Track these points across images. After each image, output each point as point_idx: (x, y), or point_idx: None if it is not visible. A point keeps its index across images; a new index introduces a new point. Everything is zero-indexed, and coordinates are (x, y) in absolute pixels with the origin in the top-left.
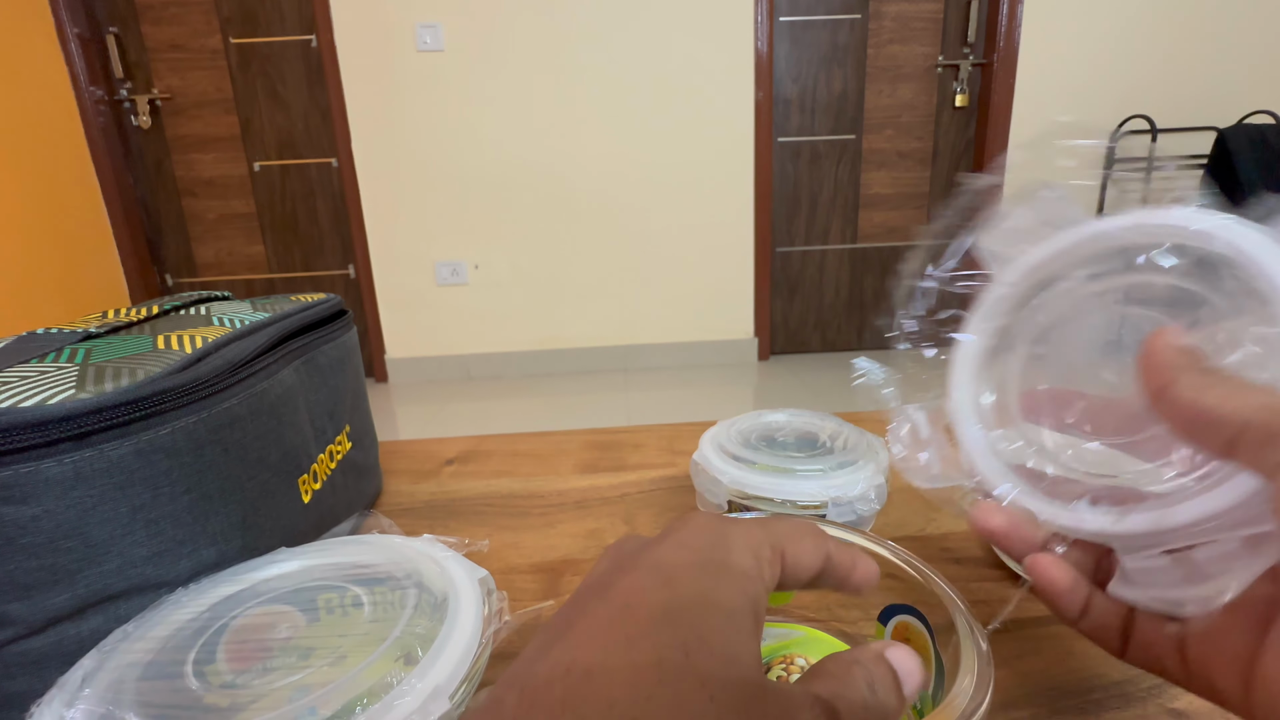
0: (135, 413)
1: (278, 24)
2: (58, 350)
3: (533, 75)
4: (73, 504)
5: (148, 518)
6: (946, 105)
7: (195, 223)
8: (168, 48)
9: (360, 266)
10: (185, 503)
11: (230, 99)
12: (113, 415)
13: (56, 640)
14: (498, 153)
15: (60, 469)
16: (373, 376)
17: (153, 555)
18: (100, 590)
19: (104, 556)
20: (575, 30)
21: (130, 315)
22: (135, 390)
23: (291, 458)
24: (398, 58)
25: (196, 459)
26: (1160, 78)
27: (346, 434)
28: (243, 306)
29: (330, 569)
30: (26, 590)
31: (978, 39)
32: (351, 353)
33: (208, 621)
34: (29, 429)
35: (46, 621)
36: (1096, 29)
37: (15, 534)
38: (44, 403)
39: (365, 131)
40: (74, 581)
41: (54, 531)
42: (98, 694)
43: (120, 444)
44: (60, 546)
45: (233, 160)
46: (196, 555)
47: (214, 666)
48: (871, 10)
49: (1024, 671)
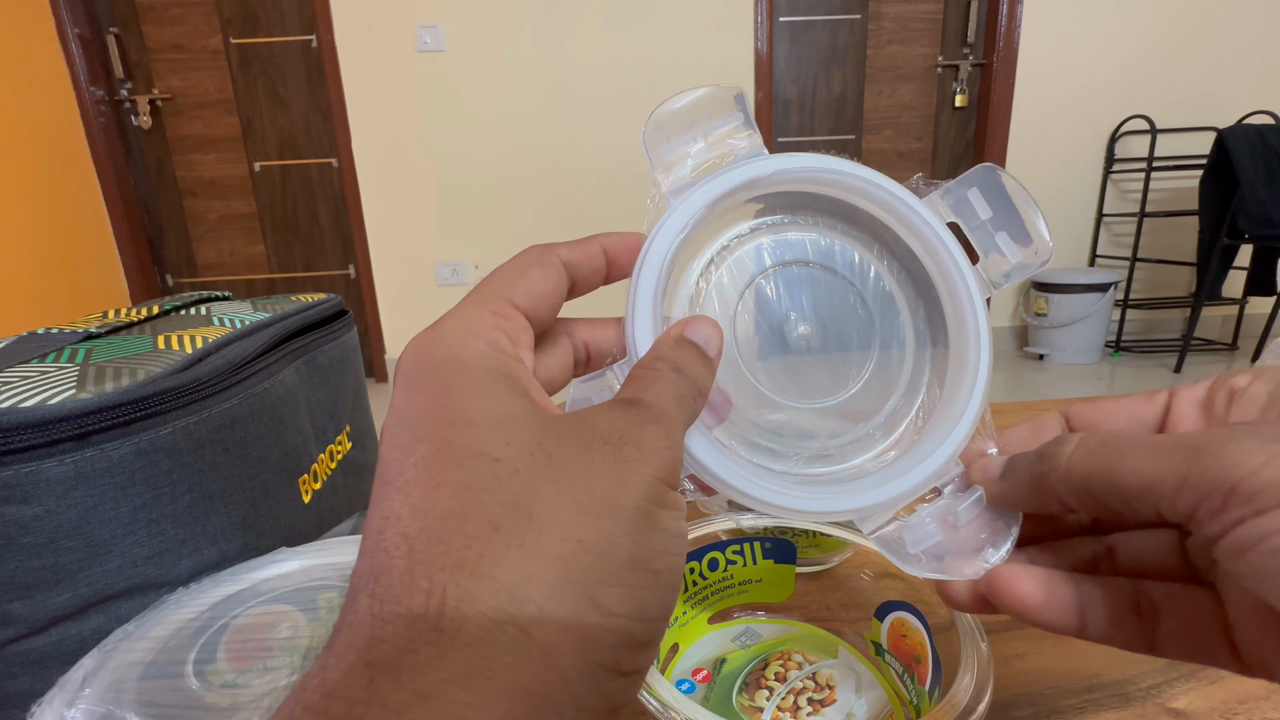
0: (136, 413)
1: (278, 24)
2: (58, 350)
3: (533, 75)
4: (74, 504)
5: (149, 517)
6: (946, 105)
7: (196, 223)
8: (168, 48)
9: (360, 266)
10: (186, 502)
11: (231, 99)
12: (113, 415)
13: (57, 640)
14: (498, 153)
15: (61, 469)
16: (373, 376)
17: (153, 555)
18: (101, 590)
19: (105, 556)
20: (575, 30)
21: (131, 315)
22: (136, 390)
23: (292, 458)
24: (398, 58)
25: (197, 459)
26: (1160, 78)
27: (347, 434)
28: (243, 307)
29: (330, 569)
30: (28, 590)
31: (978, 39)
32: (352, 353)
33: (208, 621)
34: (30, 429)
35: (48, 621)
36: (1096, 29)
37: (16, 534)
38: (45, 402)
39: (365, 131)
40: (75, 581)
41: (55, 531)
42: (98, 693)
43: (121, 444)
44: (61, 546)
45: (233, 160)
46: (197, 555)
47: (214, 666)
48: (871, 10)
49: (1024, 671)
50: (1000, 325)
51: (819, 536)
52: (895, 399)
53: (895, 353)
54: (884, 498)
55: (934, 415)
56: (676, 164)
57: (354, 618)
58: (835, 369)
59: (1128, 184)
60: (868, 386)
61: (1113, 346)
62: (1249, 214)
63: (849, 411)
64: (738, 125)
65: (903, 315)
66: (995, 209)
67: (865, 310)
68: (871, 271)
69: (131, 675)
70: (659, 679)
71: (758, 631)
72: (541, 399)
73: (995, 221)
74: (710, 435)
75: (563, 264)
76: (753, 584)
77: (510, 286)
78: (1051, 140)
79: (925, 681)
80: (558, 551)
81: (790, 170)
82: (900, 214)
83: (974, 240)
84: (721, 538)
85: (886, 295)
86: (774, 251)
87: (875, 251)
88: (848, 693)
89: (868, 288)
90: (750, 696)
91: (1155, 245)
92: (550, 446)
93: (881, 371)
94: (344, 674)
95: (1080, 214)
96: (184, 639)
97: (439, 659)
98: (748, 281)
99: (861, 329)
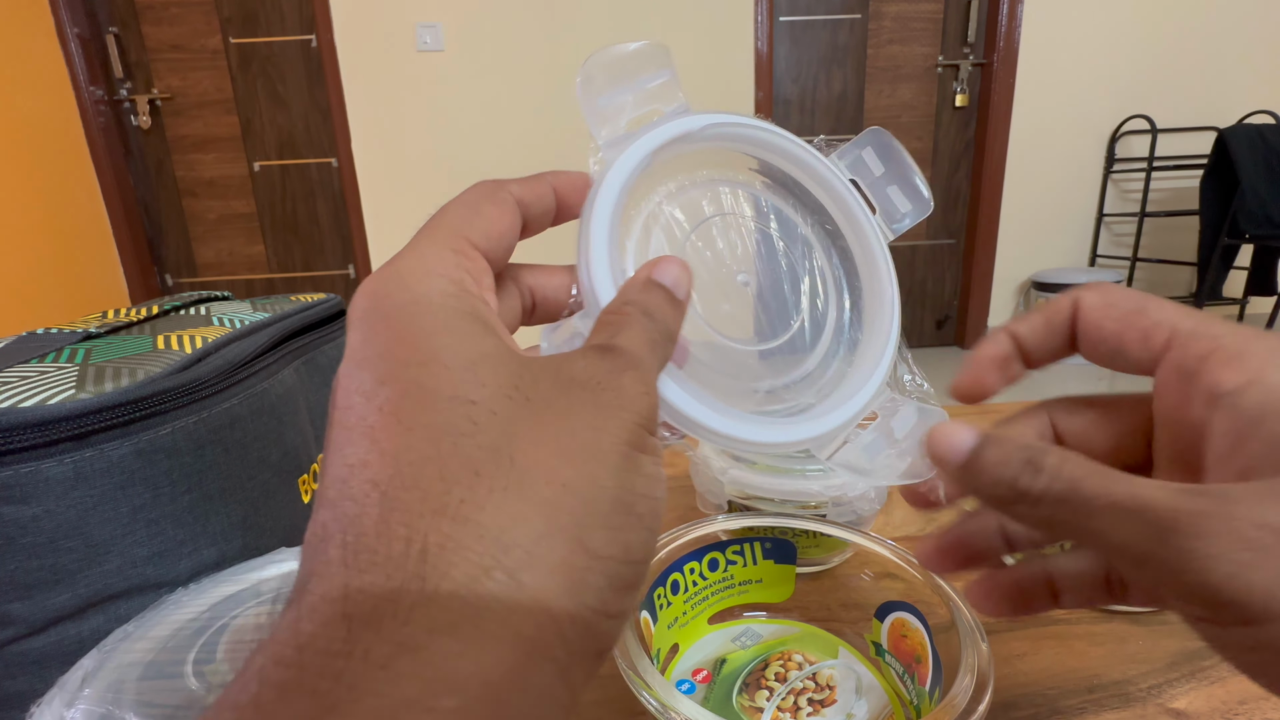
0: (135, 413)
1: (278, 24)
2: (58, 350)
3: (533, 75)
4: (73, 504)
5: (148, 517)
6: (946, 105)
7: (195, 223)
8: (168, 48)
9: (360, 266)
10: (186, 503)
11: (230, 99)
12: (113, 415)
13: (57, 640)
14: (498, 153)
15: (61, 469)
16: None
17: (153, 555)
18: (101, 590)
19: (104, 556)
20: (575, 30)
21: (130, 315)
22: (135, 390)
23: (292, 457)
24: (398, 58)
25: (197, 459)
26: (1160, 78)
27: None
28: (243, 307)
29: None
30: (27, 590)
31: (978, 39)
32: None
33: (208, 621)
34: (29, 429)
35: (47, 621)
36: (1096, 29)
37: (16, 534)
38: (44, 403)
39: (365, 131)
40: (75, 581)
41: (55, 531)
42: (98, 694)
43: (120, 444)
44: (61, 546)
45: (233, 160)
46: (197, 555)
47: (214, 666)
48: (871, 10)
49: (1024, 671)
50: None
51: (819, 536)
52: (826, 337)
53: (819, 295)
54: (834, 424)
55: (859, 348)
56: (611, 117)
57: (324, 569)
58: (772, 314)
59: (1128, 184)
60: (802, 328)
61: None
62: (1249, 214)
63: (790, 353)
64: (666, 81)
65: (819, 261)
66: (887, 167)
67: (790, 258)
68: (792, 221)
69: (131, 675)
70: (659, 679)
71: (758, 632)
72: (511, 342)
73: (886, 178)
74: (679, 377)
75: (515, 202)
76: (753, 584)
77: (467, 224)
78: (1052, 140)
79: (925, 682)
80: (543, 495)
81: (721, 124)
82: (813, 169)
83: (870, 193)
84: (721, 538)
85: (807, 243)
86: (709, 204)
87: (790, 203)
88: (848, 693)
89: (792, 237)
90: (750, 697)
91: (1156, 245)
92: (528, 390)
93: (812, 313)
94: (319, 626)
95: (1081, 214)
96: (184, 639)
97: (423, 608)
98: (687, 232)
99: (791, 276)
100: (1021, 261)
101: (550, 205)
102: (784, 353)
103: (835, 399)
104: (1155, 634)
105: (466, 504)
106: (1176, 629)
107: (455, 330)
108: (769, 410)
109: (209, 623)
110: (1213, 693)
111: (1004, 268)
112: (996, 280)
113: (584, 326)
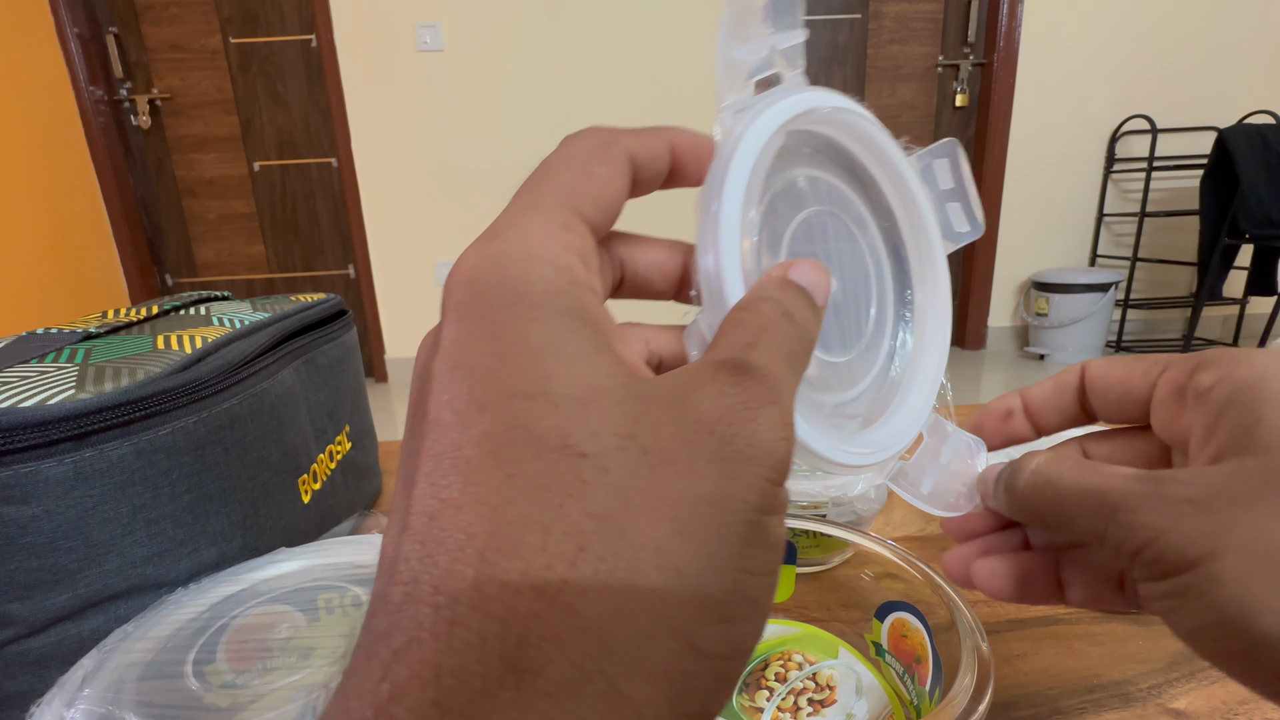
0: (135, 413)
1: (278, 24)
2: (58, 350)
3: (533, 75)
4: (73, 504)
5: (148, 518)
6: (946, 105)
7: (195, 223)
8: (168, 48)
9: (360, 266)
10: (185, 503)
11: (230, 99)
12: (113, 415)
13: (57, 640)
14: (498, 153)
15: (60, 469)
16: (373, 376)
17: (153, 555)
18: (100, 590)
19: (104, 556)
20: (575, 30)
21: (130, 315)
22: (135, 390)
23: (291, 458)
24: (398, 58)
25: (197, 459)
26: (1160, 78)
27: (346, 434)
28: (243, 307)
29: (330, 569)
30: (27, 590)
31: (978, 39)
32: (351, 353)
33: (208, 621)
34: (29, 429)
35: (47, 621)
36: (1096, 29)
37: (16, 534)
38: (44, 402)
39: (365, 131)
40: (74, 581)
41: (54, 531)
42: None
43: (120, 444)
44: (61, 546)
45: (233, 160)
46: (197, 555)
47: (214, 666)
48: (871, 10)
49: (1024, 671)
50: (1001, 325)
51: (819, 537)
52: (883, 350)
53: (879, 303)
54: (901, 444)
55: (913, 361)
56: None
57: (416, 630)
58: (845, 324)
59: (1128, 184)
60: (868, 340)
61: (1113, 346)
62: (1249, 213)
63: (858, 365)
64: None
65: (885, 269)
66: (955, 183)
67: (865, 262)
68: (867, 223)
69: (131, 675)
70: None
71: None
72: (624, 350)
73: (950, 193)
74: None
75: (629, 160)
76: None
77: (577, 191)
78: (1052, 140)
79: (925, 682)
80: (653, 583)
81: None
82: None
83: None
84: None
85: (874, 248)
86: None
87: (864, 202)
88: (848, 693)
89: (868, 240)
90: (750, 697)
91: (1156, 245)
92: (645, 439)
93: (877, 324)
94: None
95: (1081, 214)
96: (183, 639)
97: (518, 708)
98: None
99: (864, 282)
100: (1021, 261)
101: (664, 167)
102: (852, 365)
103: (894, 416)
104: (1155, 634)
105: (569, 587)
106: None
107: (565, 349)
108: (841, 427)
109: (209, 623)
110: (1213, 693)
111: (1004, 267)
112: (996, 280)
113: (708, 328)
